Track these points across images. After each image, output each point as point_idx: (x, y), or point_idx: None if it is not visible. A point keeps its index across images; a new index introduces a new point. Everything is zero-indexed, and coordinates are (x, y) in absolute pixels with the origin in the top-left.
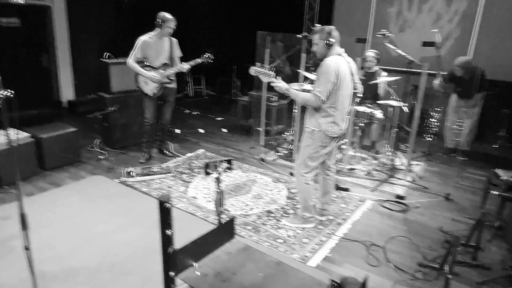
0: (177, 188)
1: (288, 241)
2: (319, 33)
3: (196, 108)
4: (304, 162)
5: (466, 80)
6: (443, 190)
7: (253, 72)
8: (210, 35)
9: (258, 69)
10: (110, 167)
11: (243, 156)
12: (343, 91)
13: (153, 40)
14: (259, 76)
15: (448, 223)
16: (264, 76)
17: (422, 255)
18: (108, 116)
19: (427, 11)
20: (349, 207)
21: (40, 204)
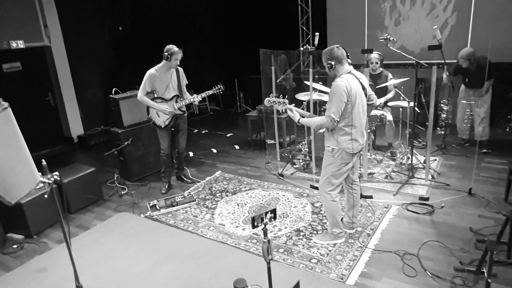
0: (203, 217)
1: (322, 260)
2: (323, 56)
3: (203, 126)
4: (328, 180)
5: (472, 71)
6: (464, 185)
7: (267, 103)
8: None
9: (272, 99)
10: (134, 202)
11: (260, 173)
12: (357, 108)
13: (160, 73)
14: (274, 105)
15: (475, 221)
16: (278, 105)
17: (456, 258)
18: (124, 150)
19: (421, 3)
20: (375, 216)
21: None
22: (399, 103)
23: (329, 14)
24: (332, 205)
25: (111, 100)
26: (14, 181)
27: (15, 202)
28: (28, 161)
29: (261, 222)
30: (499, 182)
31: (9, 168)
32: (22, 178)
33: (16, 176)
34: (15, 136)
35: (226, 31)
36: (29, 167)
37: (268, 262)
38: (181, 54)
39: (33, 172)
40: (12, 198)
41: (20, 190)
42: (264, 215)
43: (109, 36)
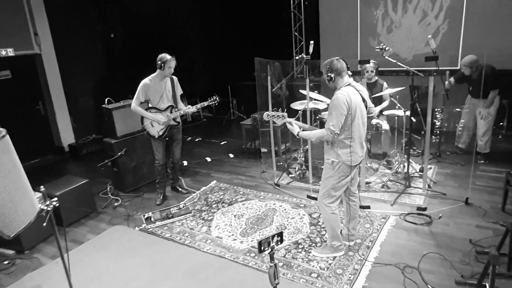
0: (199, 229)
1: (322, 275)
2: (323, 69)
3: (197, 133)
4: (328, 192)
5: (475, 79)
6: (460, 194)
7: (266, 117)
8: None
9: (271, 113)
10: (129, 214)
11: (256, 183)
12: (357, 120)
13: (154, 82)
14: (273, 119)
15: (473, 231)
16: (277, 118)
17: (457, 271)
18: (117, 161)
19: (413, 10)
20: (374, 227)
21: None
22: (394, 112)
23: (321, 21)
24: (331, 218)
25: (104, 110)
26: (14, 214)
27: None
28: (28, 191)
29: (268, 246)
30: (495, 191)
31: (8, 201)
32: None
33: (15, 209)
34: (14, 165)
35: (219, 38)
36: (29, 198)
37: (274, 287)
38: (174, 62)
39: (33, 203)
40: (11, 232)
41: (19, 223)
42: (270, 239)
43: (100, 44)
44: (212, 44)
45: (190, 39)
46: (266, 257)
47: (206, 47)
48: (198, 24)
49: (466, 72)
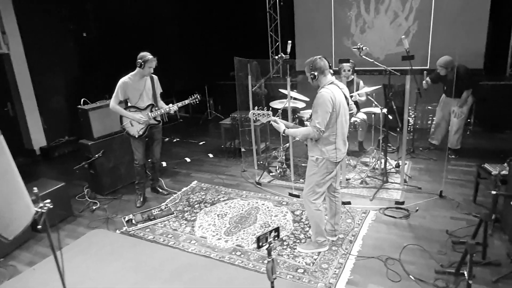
0: (183, 230)
1: (308, 270)
2: (306, 67)
3: (174, 133)
4: (312, 189)
5: (450, 79)
6: (434, 187)
7: (251, 116)
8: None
9: (256, 111)
10: (108, 217)
11: (237, 182)
12: (341, 117)
13: (133, 81)
14: (258, 117)
15: (449, 223)
16: (262, 117)
17: (436, 261)
18: (94, 163)
19: (384, 11)
20: (355, 222)
21: (45, 274)
22: (371, 109)
23: (297, 22)
24: (316, 214)
25: (79, 111)
26: (10, 217)
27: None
28: (23, 193)
29: (266, 242)
30: (466, 184)
31: (5, 203)
32: (19, 212)
33: (12, 212)
34: (9, 167)
35: (196, 38)
36: (25, 200)
37: (272, 281)
38: (155, 62)
39: (29, 205)
40: (9, 235)
41: (17, 226)
42: (268, 234)
43: (73, 43)
44: (188, 43)
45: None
46: (252, 255)
47: (183, 46)
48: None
49: (442, 73)
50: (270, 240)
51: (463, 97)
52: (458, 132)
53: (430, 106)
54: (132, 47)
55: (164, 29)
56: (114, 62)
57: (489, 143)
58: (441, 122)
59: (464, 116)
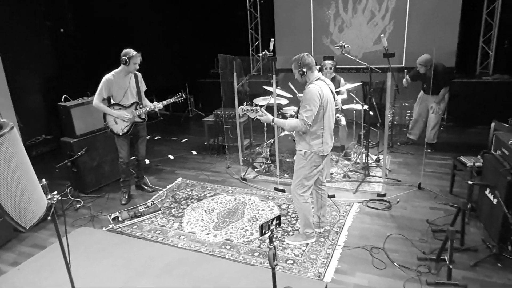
0: (171, 226)
1: (298, 261)
2: (293, 63)
3: (155, 131)
4: (301, 182)
5: (429, 77)
6: (413, 180)
7: (240, 111)
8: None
9: (245, 107)
10: (93, 215)
11: (223, 178)
12: (328, 112)
13: (118, 78)
14: (247, 113)
15: (428, 213)
16: (251, 112)
17: (418, 249)
18: (77, 161)
19: (362, 11)
20: (340, 214)
21: (31, 273)
22: (352, 106)
23: (277, 20)
24: (304, 207)
25: (61, 108)
26: (28, 206)
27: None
28: (37, 183)
29: (268, 229)
30: (442, 176)
31: (22, 193)
32: (34, 202)
33: (29, 201)
34: (24, 157)
35: (176, 35)
36: (39, 191)
37: (273, 268)
38: (139, 58)
39: (42, 196)
40: (27, 224)
41: (34, 215)
42: (271, 222)
43: (50, 39)
44: (169, 41)
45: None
46: (241, 248)
47: (163, 43)
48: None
49: (421, 71)
50: (272, 227)
51: (441, 94)
52: (435, 127)
53: (407, 103)
54: (111, 44)
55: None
56: (93, 59)
57: (462, 138)
58: (418, 118)
59: (441, 112)
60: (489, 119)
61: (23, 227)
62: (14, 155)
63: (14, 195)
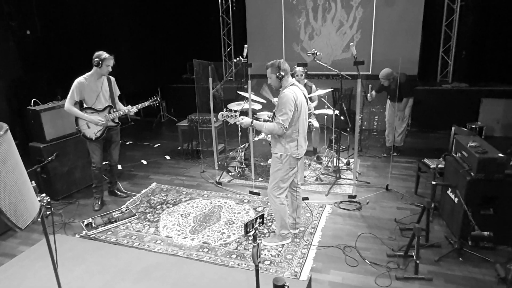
0: (147, 231)
1: (274, 261)
2: (270, 68)
3: (126, 136)
4: (277, 184)
5: (394, 88)
6: (381, 182)
7: (220, 117)
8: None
9: (225, 113)
10: (64, 222)
11: (198, 183)
12: (302, 116)
13: (90, 81)
14: (226, 119)
15: (395, 212)
16: (230, 118)
17: (387, 246)
18: (47, 166)
19: (331, 20)
20: (313, 215)
21: (1, 283)
22: (324, 111)
23: (248, 27)
24: (281, 208)
25: (30, 112)
26: (24, 206)
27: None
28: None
29: (252, 228)
30: (407, 177)
31: (19, 194)
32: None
33: (24, 201)
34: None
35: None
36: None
37: (256, 265)
38: (112, 60)
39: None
40: (23, 224)
41: (28, 216)
42: (254, 221)
43: (14, 41)
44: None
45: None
46: (219, 251)
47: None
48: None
49: (385, 84)
50: (256, 226)
51: (403, 102)
52: (402, 133)
53: (374, 109)
54: (80, 47)
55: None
56: (62, 62)
57: (424, 142)
58: (391, 125)
59: (406, 118)
60: (448, 124)
61: (19, 227)
62: (10, 156)
63: (11, 195)
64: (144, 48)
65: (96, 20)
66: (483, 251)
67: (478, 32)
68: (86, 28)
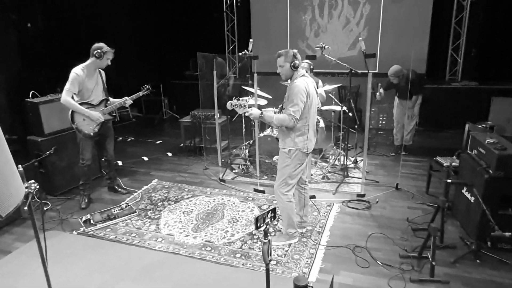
0: (147, 228)
1: (281, 261)
2: (284, 56)
3: (127, 133)
4: (285, 181)
5: (403, 85)
6: (390, 181)
7: (229, 106)
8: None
9: (234, 102)
10: (62, 218)
11: (200, 180)
12: (312, 108)
13: (87, 73)
14: (235, 108)
15: (407, 212)
16: (239, 108)
17: (399, 247)
18: (45, 161)
19: (337, 17)
20: (321, 214)
21: None
22: (331, 107)
23: (253, 23)
24: (288, 206)
25: (28, 104)
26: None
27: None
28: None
29: (263, 223)
30: (418, 177)
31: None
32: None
33: (8, 188)
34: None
35: (150, 36)
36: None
37: (267, 263)
38: (112, 53)
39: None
40: (3, 211)
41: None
42: (266, 215)
43: (15, 34)
44: (143, 41)
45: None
46: (222, 249)
47: (137, 43)
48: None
49: (395, 82)
50: (267, 221)
51: (412, 100)
52: (412, 131)
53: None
54: (81, 41)
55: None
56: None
57: (434, 141)
58: (399, 123)
59: (416, 116)
60: (458, 123)
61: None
62: None
63: None
64: (147, 44)
65: (99, 15)
66: (502, 253)
67: (488, 29)
68: (88, 22)
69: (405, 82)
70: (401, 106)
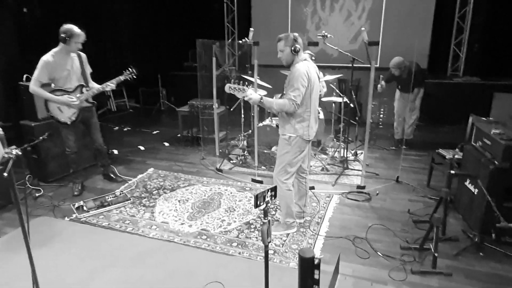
0: (142, 216)
1: (279, 251)
2: (284, 40)
3: (124, 123)
4: (284, 169)
5: (405, 78)
6: (390, 174)
7: (227, 89)
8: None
9: (233, 85)
10: (54, 204)
11: (197, 169)
12: (314, 94)
13: (58, 59)
14: (234, 92)
15: (407, 204)
16: (238, 92)
17: (400, 238)
18: (38, 146)
19: (339, 10)
20: (320, 205)
21: None
22: (332, 98)
23: (253, 15)
24: (287, 194)
25: (21, 87)
26: None
27: None
28: None
29: (263, 201)
30: (418, 170)
31: None
32: None
33: None
34: None
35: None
36: None
37: (266, 245)
38: (83, 37)
39: None
40: None
41: None
42: (266, 193)
43: (11, 19)
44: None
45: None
46: (218, 238)
47: (135, 33)
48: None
49: (396, 73)
50: (267, 199)
51: (414, 93)
52: (413, 125)
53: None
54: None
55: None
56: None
57: (435, 136)
58: (400, 117)
59: (417, 109)
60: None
61: None
62: None
63: None
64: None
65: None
66: (505, 246)
67: (491, 25)
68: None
69: (407, 74)
70: (402, 100)
